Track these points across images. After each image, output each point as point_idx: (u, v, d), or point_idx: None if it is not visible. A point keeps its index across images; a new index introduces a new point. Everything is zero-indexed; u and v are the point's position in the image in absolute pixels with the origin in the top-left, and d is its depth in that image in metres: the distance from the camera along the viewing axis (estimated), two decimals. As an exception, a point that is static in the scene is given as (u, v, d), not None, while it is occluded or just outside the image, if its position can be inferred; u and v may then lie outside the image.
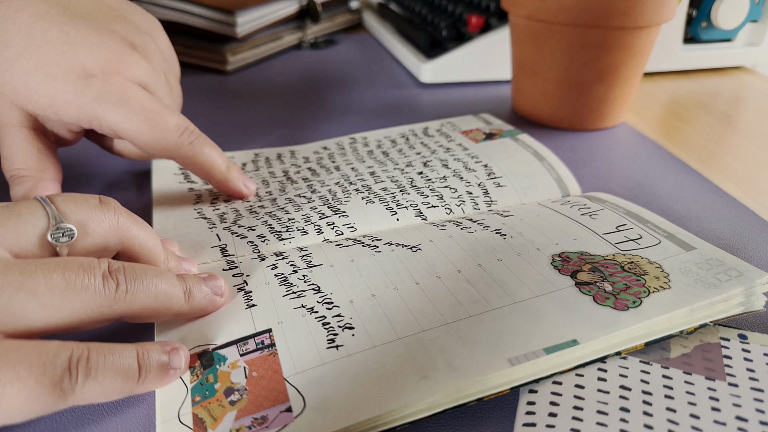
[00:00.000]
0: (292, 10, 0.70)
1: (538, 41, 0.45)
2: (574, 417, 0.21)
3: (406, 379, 0.22)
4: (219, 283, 0.26)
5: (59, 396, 0.19)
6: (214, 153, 0.33)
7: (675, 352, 0.24)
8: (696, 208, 0.36)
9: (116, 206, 0.24)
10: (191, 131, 0.32)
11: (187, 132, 0.32)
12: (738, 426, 0.21)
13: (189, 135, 0.32)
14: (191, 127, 0.32)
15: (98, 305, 0.21)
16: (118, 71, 0.30)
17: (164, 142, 0.31)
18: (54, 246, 0.22)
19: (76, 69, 0.29)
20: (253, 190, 0.36)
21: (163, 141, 0.31)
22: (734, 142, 0.47)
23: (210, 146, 0.33)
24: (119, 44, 0.31)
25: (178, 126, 0.31)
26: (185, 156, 0.32)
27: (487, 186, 0.37)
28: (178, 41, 0.65)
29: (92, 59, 0.30)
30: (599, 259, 0.28)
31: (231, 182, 0.34)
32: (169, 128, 0.31)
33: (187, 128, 0.32)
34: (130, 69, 0.31)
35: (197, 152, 0.32)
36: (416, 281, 0.27)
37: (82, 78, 0.29)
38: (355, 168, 0.40)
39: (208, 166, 0.33)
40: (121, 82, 0.30)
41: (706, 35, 0.59)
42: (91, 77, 0.29)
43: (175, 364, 0.22)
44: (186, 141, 0.32)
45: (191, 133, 0.32)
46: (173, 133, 0.31)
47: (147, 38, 0.34)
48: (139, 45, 0.33)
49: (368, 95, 0.57)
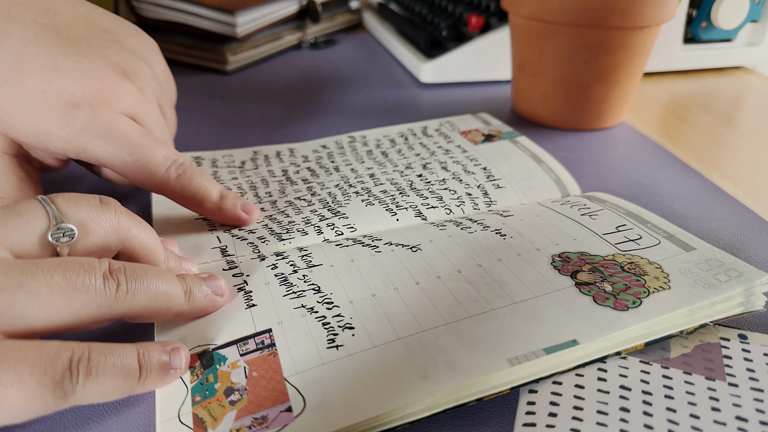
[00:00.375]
0: (292, 10, 0.70)
1: (538, 41, 0.45)
2: (574, 417, 0.21)
3: (406, 379, 0.22)
4: (219, 283, 0.26)
5: (60, 396, 0.19)
6: (204, 183, 0.32)
7: (675, 352, 0.24)
8: (696, 208, 0.36)
9: (117, 206, 0.24)
10: (179, 164, 0.31)
11: (175, 165, 0.31)
12: (738, 426, 0.21)
13: (176, 168, 0.31)
14: (180, 160, 0.31)
15: (99, 305, 0.21)
16: (107, 102, 0.29)
17: (150, 177, 0.30)
18: (54, 246, 0.22)
19: (63, 99, 0.28)
20: (256, 216, 0.33)
21: (148, 175, 0.30)
22: (734, 142, 0.47)
23: (199, 177, 0.32)
24: (109, 73, 0.30)
25: (165, 159, 0.30)
26: (173, 190, 0.31)
27: (486, 188, 0.37)
28: (178, 41, 0.65)
29: (80, 89, 0.29)
30: (599, 259, 0.28)
31: (225, 211, 0.32)
32: (156, 162, 0.30)
33: (175, 161, 0.31)
34: (119, 99, 0.30)
35: (185, 185, 0.31)
36: (416, 281, 0.27)
37: (69, 108, 0.28)
38: (355, 169, 0.40)
39: (199, 198, 0.32)
40: (108, 114, 0.29)
41: (706, 35, 0.59)
42: (78, 108, 0.28)
43: (175, 364, 0.22)
44: (173, 175, 0.31)
45: (179, 166, 0.31)
46: (160, 168, 0.30)
47: (141, 64, 0.32)
48: (131, 72, 0.31)
49: (368, 95, 0.57)
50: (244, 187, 0.37)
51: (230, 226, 0.33)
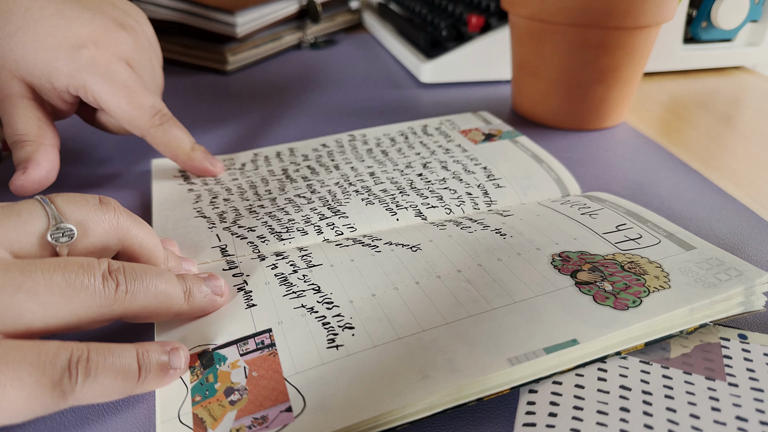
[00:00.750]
0: (292, 10, 0.70)
1: (538, 41, 0.45)
2: (574, 417, 0.21)
3: (406, 379, 0.22)
4: (219, 283, 0.26)
5: (59, 396, 0.19)
6: (180, 134, 0.36)
7: (675, 352, 0.24)
8: (696, 208, 0.36)
9: (116, 206, 0.24)
10: (163, 114, 0.36)
11: (159, 114, 0.35)
12: (738, 426, 0.21)
13: (160, 117, 0.35)
14: (164, 110, 0.36)
15: (98, 305, 0.21)
16: (107, 45, 0.34)
17: (138, 120, 0.34)
18: (54, 246, 0.22)
19: (69, 39, 0.32)
20: (220, 168, 0.39)
21: (137, 119, 0.34)
22: (734, 142, 0.47)
23: (178, 128, 0.36)
24: (109, 22, 0.35)
25: (152, 107, 0.35)
26: (154, 135, 0.35)
27: (486, 187, 0.37)
28: (178, 41, 0.65)
29: (84, 31, 0.33)
30: (599, 258, 0.28)
31: (194, 161, 0.37)
32: (144, 108, 0.34)
33: (160, 111, 0.35)
34: (118, 45, 0.34)
35: (165, 133, 0.36)
36: (416, 281, 0.27)
37: (74, 48, 0.32)
38: (355, 168, 0.40)
39: (174, 146, 0.36)
40: (109, 56, 0.33)
41: (706, 35, 0.59)
42: (83, 47, 0.33)
43: (175, 364, 0.22)
44: (157, 122, 0.35)
45: (163, 116, 0.35)
46: (147, 113, 0.34)
47: (134, 22, 0.37)
48: (127, 26, 0.36)
49: (368, 95, 0.57)
50: (244, 186, 0.37)
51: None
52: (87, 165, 0.42)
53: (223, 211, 0.34)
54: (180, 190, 0.37)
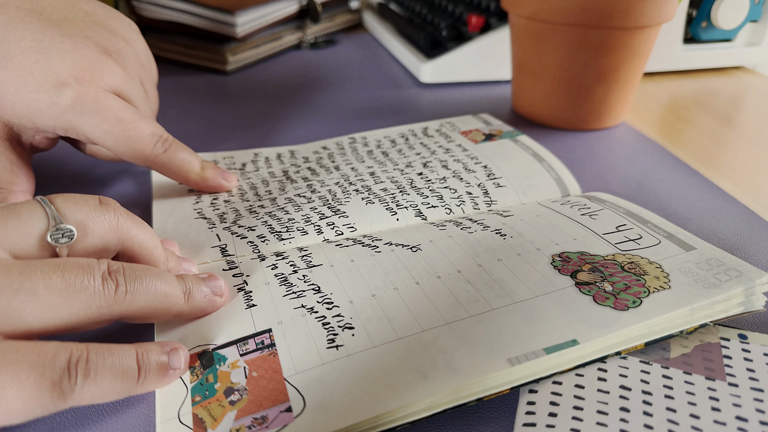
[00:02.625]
0: (292, 10, 0.70)
1: (538, 41, 0.45)
2: (574, 417, 0.21)
3: (405, 379, 0.22)
4: (219, 283, 0.26)
5: (58, 397, 0.19)
6: (187, 156, 0.34)
7: (675, 352, 0.24)
8: (696, 208, 0.36)
9: (116, 207, 0.24)
10: (165, 139, 0.33)
11: (161, 141, 0.33)
12: (738, 426, 0.21)
13: (162, 144, 0.33)
14: (165, 135, 0.33)
15: (98, 306, 0.21)
16: (92, 80, 0.30)
17: (139, 152, 0.32)
18: (53, 247, 0.22)
19: (50, 78, 0.29)
20: (234, 182, 0.37)
21: (138, 151, 0.32)
22: (734, 142, 0.47)
23: (183, 151, 0.34)
24: (93, 51, 0.31)
25: (152, 135, 0.32)
26: (161, 164, 0.33)
27: (486, 186, 0.37)
28: (178, 41, 0.65)
29: (65, 68, 0.30)
30: (599, 259, 0.28)
31: (208, 180, 0.35)
32: (144, 138, 0.32)
33: (161, 137, 0.33)
34: (104, 77, 0.31)
35: (171, 159, 0.33)
36: (416, 281, 0.27)
37: (56, 87, 0.29)
38: (355, 168, 0.40)
39: (183, 171, 0.34)
40: (95, 92, 0.30)
41: (706, 35, 0.59)
42: (65, 86, 0.29)
43: (174, 365, 0.22)
44: (160, 150, 0.33)
45: (165, 141, 0.33)
46: (148, 143, 0.32)
47: (122, 43, 0.34)
48: (113, 51, 0.33)
49: (368, 95, 0.57)
50: (244, 187, 0.37)
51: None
52: (87, 165, 0.42)
53: (224, 212, 0.34)
54: (180, 191, 0.37)
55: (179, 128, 0.49)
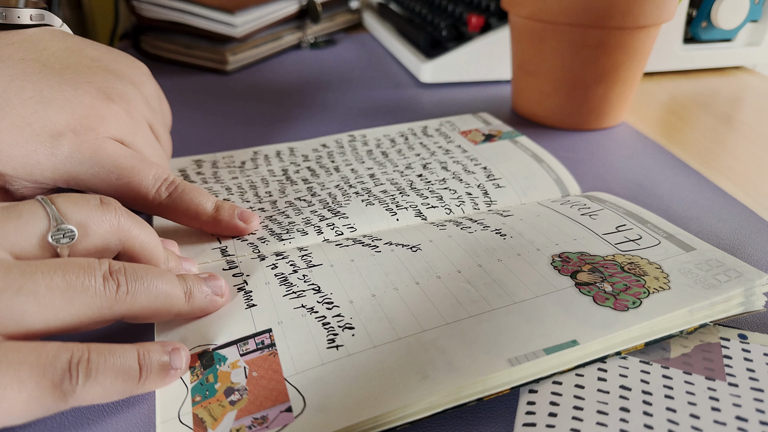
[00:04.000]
0: (292, 10, 0.70)
1: (538, 41, 0.45)
2: (574, 417, 0.21)
3: (406, 379, 0.22)
4: (219, 283, 0.26)
5: (59, 397, 0.19)
6: (195, 198, 0.31)
7: (675, 352, 0.24)
8: (696, 208, 0.36)
9: (117, 207, 0.24)
10: (170, 182, 0.31)
11: (165, 184, 0.30)
12: (738, 426, 0.21)
13: (167, 187, 0.30)
14: (170, 178, 0.31)
15: (99, 306, 0.21)
16: (91, 127, 0.29)
17: (141, 199, 0.30)
18: (55, 247, 0.22)
19: (47, 129, 0.28)
20: (255, 224, 0.33)
21: (139, 198, 0.30)
22: (734, 142, 0.47)
23: (191, 192, 0.31)
24: (94, 98, 0.29)
25: (155, 179, 0.30)
26: (166, 209, 0.31)
27: (486, 187, 0.37)
28: (178, 41, 0.65)
29: (63, 117, 0.28)
30: (599, 259, 0.28)
31: (222, 222, 0.31)
32: (146, 184, 0.30)
33: (165, 180, 0.30)
34: (105, 124, 0.29)
35: (176, 202, 0.31)
36: (416, 281, 0.27)
37: (53, 138, 0.28)
38: (355, 169, 0.40)
39: (193, 213, 0.31)
40: (93, 140, 0.29)
41: (706, 35, 0.59)
42: (62, 136, 0.28)
43: (175, 365, 0.22)
44: (164, 194, 0.30)
45: (170, 185, 0.30)
46: (150, 189, 0.30)
47: (129, 87, 0.32)
48: (117, 95, 0.31)
49: (368, 95, 0.57)
50: (244, 186, 0.37)
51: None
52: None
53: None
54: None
55: (179, 128, 0.49)
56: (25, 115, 0.28)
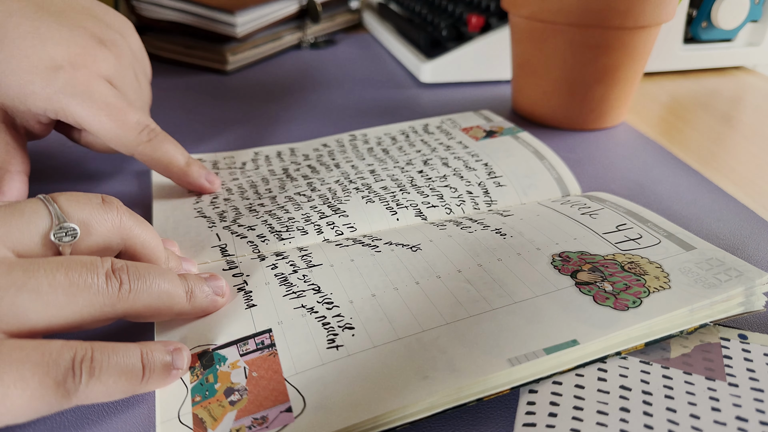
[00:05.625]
0: (292, 10, 0.70)
1: (539, 41, 0.45)
2: (574, 417, 0.21)
3: (406, 379, 0.22)
4: (220, 283, 0.26)
5: (63, 396, 0.19)
6: (172, 149, 0.34)
7: (675, 352, 0.24)
8: (696, 208, 0.37)
9: (119, 205, 0.24)
10: (151, 129, 0.33)
11: (147, 130, 0.33)
12: (738, 426, 0.21)
13: (148, 133, 0.33)
14: (152, 125, 0.34)
15: (101, 304, 0.21)
16: (85, 65, 0.32)
17: (124, 138, 0.32)
18: (57, 245, 0.22)
19: (44, 61, 0.30)
20: (217, 185, 0.36)
21: (122, 137, 0.32)
22: (734, 142, 0.47)
23: (169, 143, 0.34)
24: (88, 40, 0.32)
25: (138, 123, 0.33)
26: (143, 153, 0.33)
27: (487, 185, 0.37)
28: (178, 41, 0.65)
29: (60, 52, 0.31)
30: (599, 258, 0.28)
31: (190, 176, 0.35)
32: (130, 125, 0.32)
33: (147, 126, 0.33)
34: (97, 64, 0.32)
35: (155, 149, 0.33)
36: (416, 281, 0.27)
37: (49, 70, 0.30)
38: (355, 166, 0.40)
39: (166, 162, 0.34)
40: (87, 76, 0.31)
41: (706, 35, 0.59)
42: (59, 69, 0.31)
43: (177, 365, 0.22)
44: (145, 138, 0.33)
45: (151, 131, 0.33)
46: (133, 130, 0.32)
47: (117, 36, 0.35)
48: (108, 41, 0.34)
49: (368, 95, 0.57)
50: (244, 186, 0.37)
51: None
52: (87, 164, 0.42)
53: (224, 210, 0.34)
54: (180, 190, 0.37)
55: (179, 128, 0.49)
56: (23, 48, 0.30)
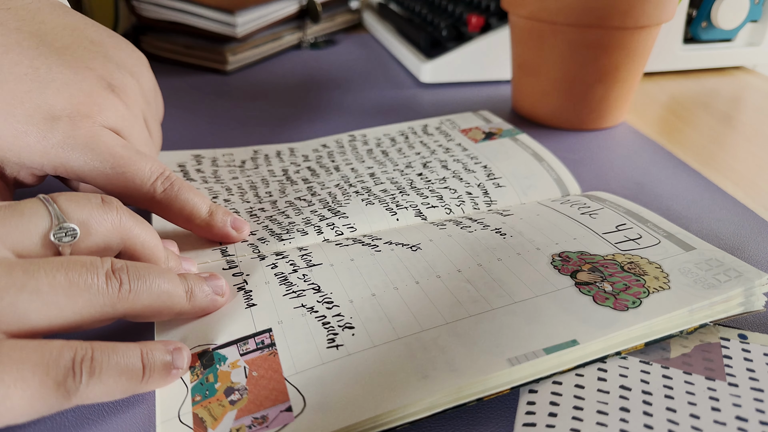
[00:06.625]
0: (292, 10, 0.70)
1: (538, 41, 0.45)
2: (574, 417, 0.21)
3: (406, 378, 0.22)
4: (220, 282, 0.26)
5: (63, 396, 0.19)
6: (191, 198, 0.30)
7: (675, 352, 0.24)
8: (696, 208, 0.37)
9: (118, 206, 0.24)
10: (166, 177, 0.29)
11: (161, 178, 0.29)
12: (738, 426, 0.21)
13: (163, 182, 0.29)
14: (167, 173, 0.29)
15: (101, 304, 0.21)
16: (89, 115, 0.28)
17: (135, 191, 0.29)
18: (57, 246, 0.22)
19: (41, 110, 0.26)
20: (246, 233, 0.32)
21: (134, 190, 0.28)
22: (734, 142, 0.47)
23: (188, 191, 0.30)
24: (94, 85, 0.28)
25: (151, 172, 0.29)
26: (159, 204, 0.29)
27: (486, 186, 0.37)
28: (178, 41, 0.65)
29: (61, 101, 0.27)
30: (599, 258, 0.28)
31: (214, 227, 0.30)
32: (141, 176, 0.28)
33: (161, 174, 0.29)
34: (102, 113, 0.28)
35: (172, 199, 0.29)
36: (416, 281, 0.27)
37: (47, 121, 0.26)
38: (355, 169, 0.40)
39: (187, 213, 0.30)
40: (89, 127, 0.27)
41: (706, 35, 0.59)
42: (57, 120, 0.27)
43: (177, 364, 0.22)
44: (159, 188, 0.29)
45: (165, 180, 0.29)
46: (145, 181, 0.29)
47: (128, 78, 0.31)
48: (117, 86, 0.30)
49: (368, 95, 0.57)
50: (244, 186, 0.38)
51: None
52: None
53: (224, 211, 0.34)
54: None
55: (179, 128, 0.49)
56: (18, 92, 0.26)
